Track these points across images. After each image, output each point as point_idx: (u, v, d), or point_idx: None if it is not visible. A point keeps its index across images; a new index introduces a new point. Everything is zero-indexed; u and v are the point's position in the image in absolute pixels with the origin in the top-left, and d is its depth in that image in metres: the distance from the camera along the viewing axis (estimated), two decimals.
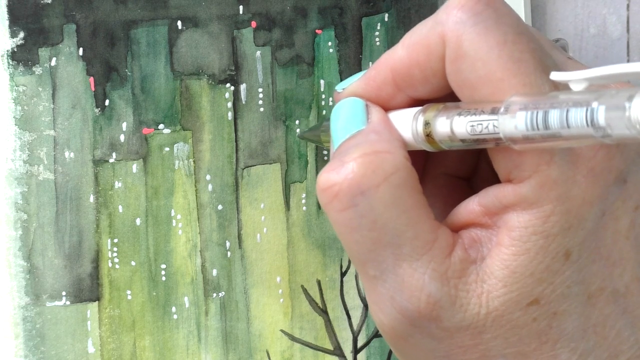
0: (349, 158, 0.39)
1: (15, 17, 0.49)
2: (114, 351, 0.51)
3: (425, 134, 0.39)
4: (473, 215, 0.39)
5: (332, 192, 0.39)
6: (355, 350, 0.53)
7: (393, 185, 0.38)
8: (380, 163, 0.39)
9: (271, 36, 0.52)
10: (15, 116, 0.50)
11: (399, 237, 0.38)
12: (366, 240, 0.39)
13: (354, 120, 0.42)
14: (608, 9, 0.55)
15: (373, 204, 0.38)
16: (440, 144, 0.39)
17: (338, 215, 0.39)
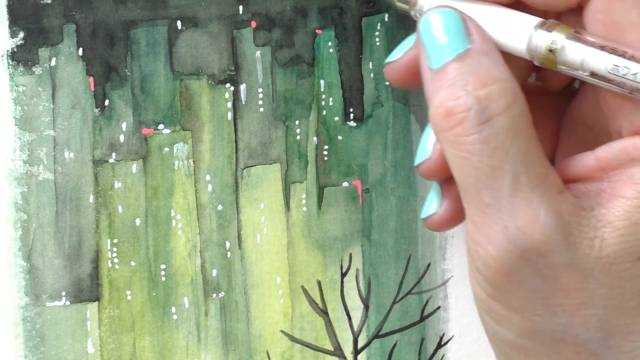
0: (472, 87, 0.39)
1: (15, 17, 0.49)
2: (113, 351, 0.51)
3: (548, 49, 0.40)
4: (587, 169, 0.40)
5: (456, 119, 0.39)
6: (355, 351, 0.53)
7: (514, 113, 0.39)
8: (503, 91, 0.39)
9: (271, 36, 0.52)
10: (15, 116, 0.50)
11: (517, 165, 0.39)
12: (486, 166, 0.39)
13: (455, 37, 0.41)
14: None
15: (497, 131, 0.39)
16: (559, 64, 0.39)
17: (461, 139, 0.39)
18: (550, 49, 0.40)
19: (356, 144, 0.53)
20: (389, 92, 0.53)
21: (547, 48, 0.40)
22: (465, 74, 0.40)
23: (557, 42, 0.40)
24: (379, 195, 0.53)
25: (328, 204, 0.53)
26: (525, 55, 0.41)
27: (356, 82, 0.53)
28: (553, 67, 0.40)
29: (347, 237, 0.53)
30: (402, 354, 0.53)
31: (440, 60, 0.41)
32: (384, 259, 0.53)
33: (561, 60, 0.40)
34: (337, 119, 0.53)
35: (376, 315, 0.53)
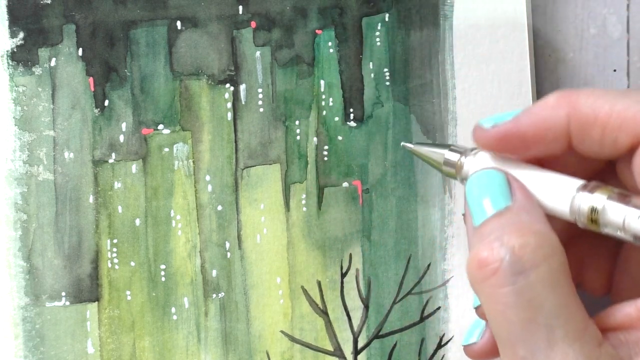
0: (508, 238, 0.39)
1: (15, 17, 0.49)
2: (113, 352, 0.51)
3: (591, 211, 0.40)
4: (627, 318, 0.40)
5: (490, 270, 0.39)
6: (355, 351, 0.53)
7: (552, 266, 0.39)
8: (540, 244, 0.39)
9: (271, 36, 0.52)
10: (15, 116, 0.50)
11: (554, 319, 0.38)
12: (520, 319, 0.39)
13: (498, 196, 0.42)
14: (608, 9, 0.55)
15: (532, 283, 0.38)
16: (602, 227, 0.39)
17: (494, 292, 0.39)
18: (592, 211, 0.40)
19: (356, 144, 0.53)
20: (389, 92, 0.53)
21: (589, 210, 0.40)
22: (503, 228, 0.40)
23: (598, 204, 0.40)
24: (379, 195, 0.53)
25: (328, 204, 0.53)
26: (569, 217, 0.41)
27: (356, 82, 0.53)
28: (597, 229, 0.40)
29: (347, 238, 0.53)
30: (402, 354, 0.53)
31: (482, 217, 0.41)
32: (384, 259, 0.53)
33: (604, 223, 0.40)
34: (337, 119, 0.53)
35: (376, 316, 0.53)
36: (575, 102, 0.41)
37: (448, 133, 0.53)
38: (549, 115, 0.42)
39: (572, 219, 0.41)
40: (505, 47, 0.53)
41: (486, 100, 0.53)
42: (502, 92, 0.53)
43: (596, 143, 0.41)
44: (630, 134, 0.40)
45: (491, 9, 0.53)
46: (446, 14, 0.53)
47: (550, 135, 0.42)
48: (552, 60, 0.55)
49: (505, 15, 0.53)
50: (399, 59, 0.53)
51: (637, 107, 0.39)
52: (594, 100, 0.40)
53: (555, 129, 0.41)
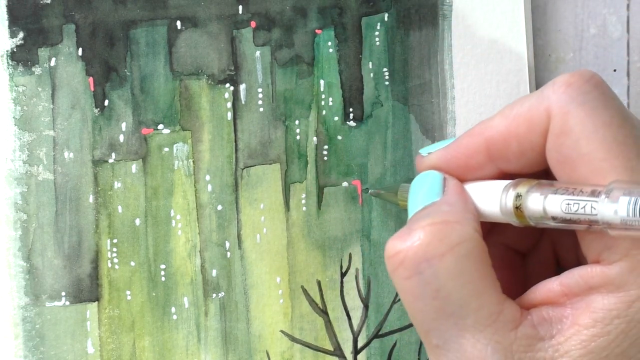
0: (417, 226, 0.39)
1: (15, 17, 0.49)
2: (113, 351, 0.51)
3: (515, 207, 0.40)
4: (551, 294, 0.40)
5: (398, 259, 0.39)
6: (355, 351, 0.53)
7: (459, 255, 0.39)
8: (448, 232, 0.39)
9: (271, 36, 0.52)
10: (15, 116, 0.50)
11: (462, 308, 0.39)
12: (430, 308, 0.39)
13: (430, 192, 0.42)
14: (608, 9, 0.55)
15: (438, 272, 0.39)
16: (528, 219, 0.39)
17: (403, 282, 0.39)
18: (516, 207, 0.40)
19: (356, 143, 0.53)
20: (389, 92, 0.53)
21: (513, 206, 0.40)
22: (418, 218, 0.40)
23: (520, 198, 0.40)
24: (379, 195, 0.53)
25: (328, 204, 0.53)
26: (503, 219, 0.41)
27: (356, 82, 0.53)
28: (527, 223, 0.40)
29: (346, 237, 0.53)
30: (401, 354, 0.53)
31: (412, 213, 0.42)
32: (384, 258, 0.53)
33: (528, 215, 0.40)
34: (337, 119, 0.53)
35: (376, 315, 0.53)
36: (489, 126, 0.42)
37: (447, 132, 0.54)
38: (468, 144, 0.43)
39: (506, 220, 0.41)
40: (504, 47, 0.53)
41: (485, 100, 0.54)
42: (501, 91, 0.53)
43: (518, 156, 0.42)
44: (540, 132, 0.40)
45: (490, 8, 0.53)
46: (445, 14, 0.53)
47: (473, 162, 0.43)
48: (552, 60, 0.55)
49: (504, 15, 0.53)
50: (398, 58, 0.53)
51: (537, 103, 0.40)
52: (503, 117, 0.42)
53: (476, 156, 0.43)
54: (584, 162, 0.38)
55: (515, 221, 0.41)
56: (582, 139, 0.38)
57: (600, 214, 0.37)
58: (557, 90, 0.40)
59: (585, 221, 0.38)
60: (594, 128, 0.38)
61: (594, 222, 0.37)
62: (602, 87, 0.39)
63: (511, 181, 0.41)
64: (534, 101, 0.40)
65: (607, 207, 0.36)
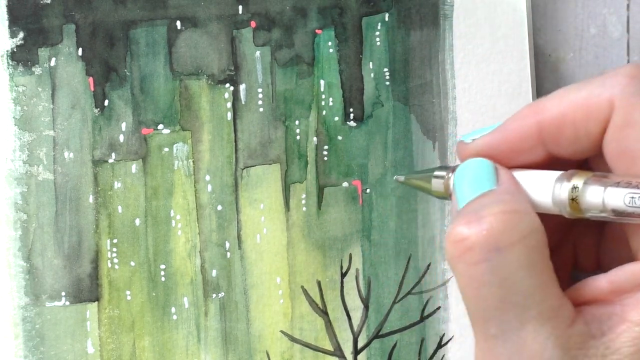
0: (486, 213, 0.39)
1: (15, 17, 0.49)
2: (113, 351, 0.51)
3: (570, 198, 0.40)
4: (599, 291, 0.40)
5: (465, 245, 0.39)
6: (355, 351, 0.53)
7: (528, 246, 0.39)
8: (518, 222, 0.39)
9: (271, 36, 0.52)
10: (15, 116, 0.50)
11: (527, 299, 0.38)
12: (494, 297, 0.39)
13: (483, 180, 0.42)
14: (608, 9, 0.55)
15: (507, 261, 0.38)
16: (585, 211, 0.39)
17: (468, 268, 0.39)
18: (572, 198, 0.40)
19: (356, 144, 0.53)
20: (389, 92, 0.53)
21: (569, 197, 0.40)
22: (483, 206, 0.40)
23: (576, 190, 0.40)
24: (378, 195, 0.53)
25: (328, 204, 0.53)
26: (554, 210, 0.41)
27: (356, 82, 0.53)
28: (582, 215, 0.40)
29: (347, 237, 0.53)
30: (402, 354, 0.53)
31: (466, 200, 0.41)
32: (384, 259, 0.53)
33: (585, 207, 0.40)
34: (337, 119, 0.52)
35: (376, 316, 0.53)
36: (542, 109, 0.41)
37: (448, 133, 0.53)
38: (520, 127, 0.42)
39: (558, 211, 0.41)
40: (505, 46, 0.53)
41: (486, 99, 0.53)
42: (502, 91, 0.53)
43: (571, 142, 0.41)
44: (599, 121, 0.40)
45: (491, 8, 0.53)
46: (446, 14, 0.53)
47: (524, 145, 0.42)
48: (552, 60, 0.55)
49: (505, 15, 0.53)
50: (398, 58, 0.53)
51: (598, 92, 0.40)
52: (558, 101, 0.41)
53: (528, 139, 0.42)
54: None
55: (569, 212, 0.41)
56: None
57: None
58: (621, 81, 0.39)
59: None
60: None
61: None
62: None
63: (563, 172, 0.41)
64: (594, 89, 0.40)
65: None
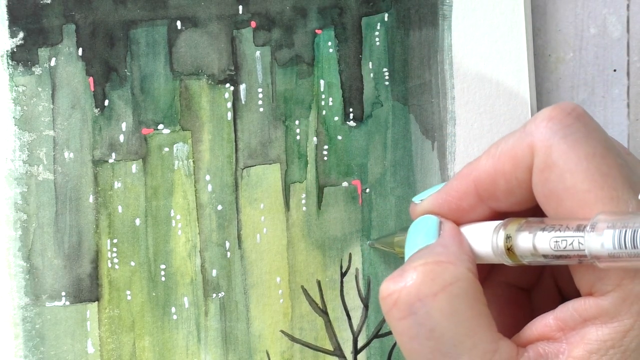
0: (410, 267, 0.40)
1: (15, 17, 0.49)
2: (113, 351, 0.51)
3: (506, 247, 0.40)
4: (547, 329, 0.40)
5: (391, 300, 0.40)
6: (355, 350, 0.53)
7: (452, 295, 0.39)
8: (441, 272, 0.39)
9: (271, 36, 0.52)
10: (15, 116, 0.50)
11: (456, 347, 0.39)
12: (424, 348, 0.39)
13: (425, 236, 0.42)
14: (608, 9, 0.55)
15: (431, 312, 0.39)
16: (520, 258, 0.40)
17: (397, 323, 0.40)
18: (507, 247, 0.40)
19: (356, 143, 0.53)
20: (389, 92, 0.53)
21: (505, 247, 0.40)
22: (412, 260, 0.40)
23: (510, 239, 0.40)
24: (378, 195, 0.53)
25: (328, 204, 0.53)
26: (497, 260, 0.41)
27: (356, 82, 0.53)
28: (521, 263, 0.40)
29: (346, 237, 0.53)
30: (401, 354, 0.53)
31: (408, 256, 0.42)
32: (384, 258, 0.53)
33: (519, 254, 0.40)
34: (337, 119, 0.53)
35: (376, 315, 0.53)
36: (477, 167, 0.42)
37: (447, 133, 0.53)
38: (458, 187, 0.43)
39: (499, 260, 0.41)
40: (504, 47, 0.53)
41: (485, 100, 0.54)
42: (501, 91, 0.53)
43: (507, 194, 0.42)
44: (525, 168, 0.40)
45: (490, 8, 0.53)
46: (445, 14, 0.53)
47: (465, 204, 0.43)
48: (552, 60, 0.55)
49: (504, 15, 0.53)
50: (398, 58, 0.53)
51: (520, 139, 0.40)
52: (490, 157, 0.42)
53: (467, 198, 0.43)
54: (569, 196, 0.38)
55: (509, 261, 0.41)
56: (566, 172, 0.38)
57: (587, 248, 0.36)
58: (539, 125, 0.40)
59: (575, 256, 0.38)
60: (577, 160, 0.38)
61: (583, 257, 0.37)
62: (584, 119, 0.39)
63: (501, 222, 0.41)
64: (517, 138, 0.40)
65: (593, 241, 0.36)
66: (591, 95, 0.55)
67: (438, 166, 0.53)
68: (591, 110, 0.54)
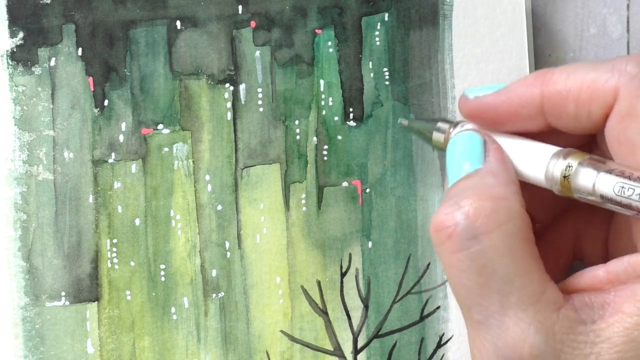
0: (465, 202, 0.39)
1: (15, 17, 0.49)
2: (113, 351, 0.51)
3: (563, 176, 0.40)
4: (595, 280, 0.40)
5: (445, 234, 0.39)
6: (355, 350, 0.53)
7: (506, 233, 0.39)
8: (496, 210, 0.39)
9: (270, 36, 0.52)
10: (15, 116, 0.50)
11: (507, 285, 0.39)
12: (474, 284, 0.39)
13: (470, 157, 0.42)
14: (608, 9, 0.55)
15: (484, 249, 0.39)
16: (574, 191, 0.39)
17: (449, 256, 0.39)
18: (564, 176, 0.40)
19: (356, 143, 0.53)
20: (389, 92, 0.53)
21: (561, 175, 0.40)
22: (465, 191, 0.40)
23: (570, 169, 0.40)
24: (378, 195, 0.53)
25: (328, 204, 0.53)
26: (545, 184, 0.41)
27: (356, 81, 0.53)
28: (570, 194, 0.40)
29: (346, 237, 0.53)
30: (402, 354, 0.53)
31: (454, 179, 0.41)
32: (384, 258, 0.53)
33: (575, 187, 0.40)
34: (337, 119, 0.53)
35: (376, 315, 0.53)
36: (549, 80, 0.41)
37: None
38: (523, 93, 0.42)
39: (549, 186, 0.41)
40: (505, 46, 0.53)
41: None
42: None
43: (572, 118, 0.41)
44: (602, 105, 0.40)
45: (490, 8, 0.53)
46: (445, 14, 0.53)
47: (525, 112, 0.42)
48: (552, 60, 0.55)
49: (504, 14, 0.53)
50: (398, 58, 0.53)
51: (605, 78, 0.40)
52: (566, 76, 0.41)
53: (529, 106, 0.42)
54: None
55: (559, 189, 0.40)
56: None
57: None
58: (630, 71, 0.39)
59: (636, 208, 0.37)
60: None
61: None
62: None
63: (561, 149, 0.41)
64: (602, 73, 0.40)
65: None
66: None
67: (438, 166, 0.53)
68: None
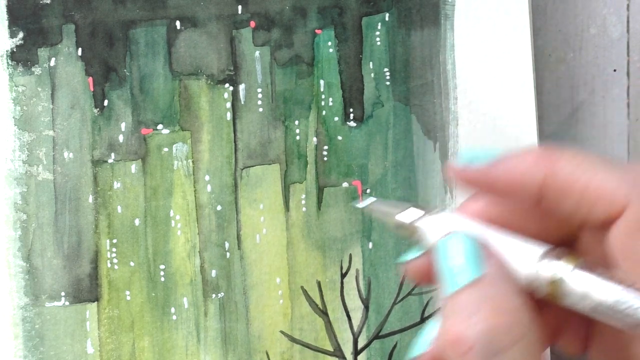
0: (483, 315, 0.39)
1: (15, 17, 0.49)
2: (113, 352, 0.51)
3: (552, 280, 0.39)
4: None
5: (464, 348, 0.39)
6: (355, 351, 0.53)
7: (524, 347, 0.39)
8: (514, 324, 0.39)
9: (270, 36, 0.52)
10: (15, 116, 0.50)
11: None
12: None
13: (470, 263, 0.41)
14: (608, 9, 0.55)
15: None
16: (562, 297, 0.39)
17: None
18: (554, 279, 0.39)
19: (356, 144, 0.53)
20: (390, 92, 0.53)
21: (551, 278, 0.39)
22: (476, 302, 0.40)
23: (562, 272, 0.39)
24: (379, 195, 0.53)
25: (328, 205, 0.53)
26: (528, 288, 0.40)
27: (356, 82, 0.53)
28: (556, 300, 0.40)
29: (346, 238, 0.53)
30: (402, 355, 0.53)
31: (455, 286, 0.41)
32: (384, 259, 0.53)
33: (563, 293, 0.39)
34: (337, 119, 0.52)
35: (376, 316, 0.53)
36: (554, 166, 0.40)
37: (449, 133, 0.53)
38: (525, 172, 0.41)
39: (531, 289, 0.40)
40: (507, 46, 0.53)
41: (488, 100, 0.53)
42: (504, 92, 0.53)
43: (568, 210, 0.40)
44: (606, 211, 0.39)
45: (492, 8, 0.53)
46: (447, 14, 0.53)
47: (523, 192, 0.41)
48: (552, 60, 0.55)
49: (506, 15, 0.53)
50: (399, 58, 0.53)
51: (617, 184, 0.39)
52: (574, 167, 0.40)
53: (529, 188, 0.41)
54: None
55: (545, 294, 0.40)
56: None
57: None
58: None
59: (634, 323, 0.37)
60: None
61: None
62: None
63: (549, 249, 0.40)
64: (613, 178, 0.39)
65: None
66: (591, 95, 0.55)
67: (440, 167, 0.53)
68: (591, 110, 0.54)
